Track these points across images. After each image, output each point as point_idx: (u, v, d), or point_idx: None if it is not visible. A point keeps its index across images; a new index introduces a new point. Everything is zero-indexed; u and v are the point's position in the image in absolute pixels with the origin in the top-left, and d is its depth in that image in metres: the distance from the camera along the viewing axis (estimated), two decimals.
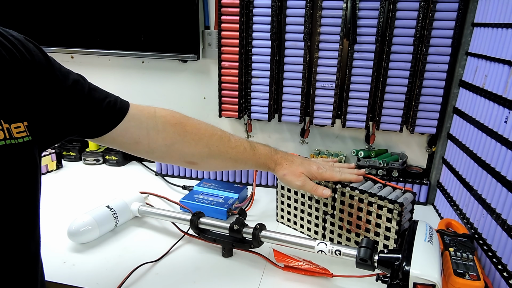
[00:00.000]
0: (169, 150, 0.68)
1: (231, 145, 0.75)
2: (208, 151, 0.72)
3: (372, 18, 0.97)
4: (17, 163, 0.46)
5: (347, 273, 0.71)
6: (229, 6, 1.03)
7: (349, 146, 1.13)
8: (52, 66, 0.51)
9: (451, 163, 0.96)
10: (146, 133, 0.65)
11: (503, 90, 0.72)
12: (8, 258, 0.46)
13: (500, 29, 0.75)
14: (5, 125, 0.44)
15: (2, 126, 0.44)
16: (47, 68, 0.50)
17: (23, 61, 0.47)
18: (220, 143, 0.73)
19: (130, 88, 1.27)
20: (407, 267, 0.55)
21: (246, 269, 0.76)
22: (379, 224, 0.75)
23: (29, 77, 0.47)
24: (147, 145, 0.66)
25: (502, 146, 0.70)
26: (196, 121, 0.73)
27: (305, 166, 0.78)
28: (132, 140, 0.64)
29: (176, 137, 0.68)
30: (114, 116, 0.61)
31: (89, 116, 0.57)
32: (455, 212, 0.89)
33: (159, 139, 0.66)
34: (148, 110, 0.67)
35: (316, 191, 0.76)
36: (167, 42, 1.13)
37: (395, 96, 1.01)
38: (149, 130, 0.65)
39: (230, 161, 0.75)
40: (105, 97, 0.60)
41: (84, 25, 1.18)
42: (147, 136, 0.65)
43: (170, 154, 0.69)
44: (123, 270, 0.72)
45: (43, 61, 0.49)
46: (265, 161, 0.78)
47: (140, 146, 0.65)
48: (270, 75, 1.07)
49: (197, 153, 0.71)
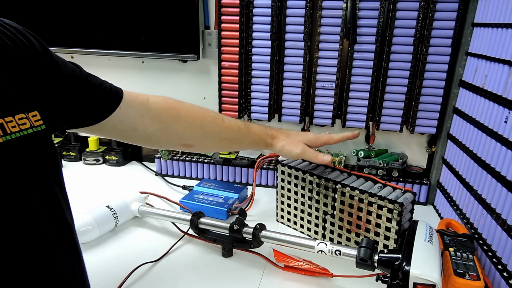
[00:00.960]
0: (165, 134, 0.69)
1: (225, 125, 0.76)
2: (202, 132, 0.73)
3: (372, 18, 0.97)
4: (42, 152, 0.47)
5: (347, 273, 0.71)
6: (229, 6, 1.03)
7: (349, 146, 1.13)
8: (51, 54, 0.51)
9: (451, 163, 0.96)
10: (141, 119, 0.65)
11: (503, 90, 0.72)
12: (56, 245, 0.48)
13: (500, 29, 0.75)
14: (27, 113, 0.45)
15: (26, 115, 0.44)
16: (47, 56, 0.50)
17: (25, 49, 0.47)
18: (214, 124, 0.74)
19: (130, 88, 1.26)
20: (407, 267, 0.55)
21: (246, 269, 0.76)
22: (379, 224, 0.75)
23: (33, 65, 0.47)
24: (144, 131, 0.66)
25: (502, 146, 0.70)
26: (189, 104, 0.74)
27: (301, 135, 0.82)
28: (129, 127, 0.64)
29: (170, 121, 0.69)
30: (111, 100, 0.61)
31: (89, 101, 0.57)
32: (455, 212, 0.89)
33: (154, 124, 0.67)
34: (142, 96, 0.68)
35: (317, 158, 0.79)
36: (167, 42, 1.13)
37: (395, 96, 1.01)
38: (144, 115, 0.66)
39: (226, 141, 0.76)
40: (101, 83, 0.61)
41: (84, 25, 1.18)
42: (142, 122, 0.66)
43: (166, 138, 0.70)
44: (123, 270, 0.72)
45: (42, 50, 0.50)
46: (261, 137, 0.79)
47: (137, 133, 0.66)
48: (270, 75, 1.07)
49: (192, 135, 0.72)
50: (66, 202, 0.51)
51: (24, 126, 0.43)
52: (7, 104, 0.42)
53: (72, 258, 0.51)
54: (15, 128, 0.42)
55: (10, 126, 0.42)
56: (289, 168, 0.88)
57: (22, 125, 0.43)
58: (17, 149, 0.42)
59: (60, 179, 0.50)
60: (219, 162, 1.14)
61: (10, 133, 0.41)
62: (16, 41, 0.46)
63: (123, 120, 0.63)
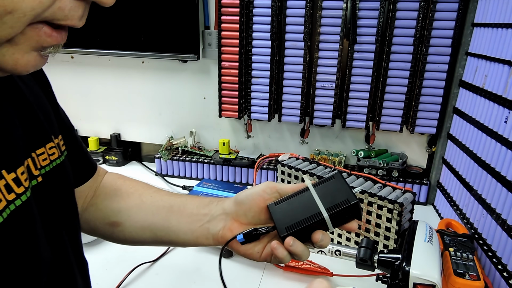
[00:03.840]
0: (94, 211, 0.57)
1: (166, 193, 0.59)
2: (139, 203, 0.57)
3: (372, 18, 0.97)
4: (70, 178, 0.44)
5: (347, 273, 0.71)
6: (229, 6, 1.03)
7: (349, 146, 1.13)
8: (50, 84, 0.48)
9: (451, 163, 0.96)
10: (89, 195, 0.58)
11: (503, 90, 0.72)
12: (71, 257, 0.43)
13: (500, 29, 0.75)
14: (55, 140, 0.41)
15: (54, 143, 0.40)
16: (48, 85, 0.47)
17: None
18: (154, 191, 0.58)
19: (130, 88, 1.27)
20: (407, 267, 0.55)
21: (246, 269, 0.76)
22: (379, 224, 0.75)
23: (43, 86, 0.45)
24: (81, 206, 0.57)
25: (502, 146, 0.70)
26: (134, 181, 0.61)
27: None
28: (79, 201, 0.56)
29: (103, 196, 0.58)
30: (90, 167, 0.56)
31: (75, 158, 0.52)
32: (455, 212, 0.89)
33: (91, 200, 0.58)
34: (102, 172, 0.60)
35: None
36: (167, 42, 1.13)
37: (395, 96, 1.01)
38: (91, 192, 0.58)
39: (164, 210, 0.55)
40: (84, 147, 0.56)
41: (84, 25, 1.18)
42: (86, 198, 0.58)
43: (94, 216, 0.57)
44: (123, 270, 0.72)
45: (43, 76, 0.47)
46: (210, 199, 0.56)
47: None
48: (270, 75, 1.07)
49: (125, 209, 0.57)
50: (80, 234, 0.47)
51: (53, 157, 0.40)
52: (40, 132, 0.38)
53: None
54: (46, 161, 0.38)
55: (41, 159, 0.38)
56: (289, 168, 0.88)
57: (52, 155, 0.39)
58: (50, 182, 0.38)
59: (76, 208, 0.45)
60: (219, 162, 1.14)
61: (41, 167, 0.37)
62: None
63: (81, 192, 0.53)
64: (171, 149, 1.20)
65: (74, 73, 1.28)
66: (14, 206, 0.31)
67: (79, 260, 0.45)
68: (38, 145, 0.38)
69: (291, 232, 0.46)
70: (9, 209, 0.30)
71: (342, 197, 0.47)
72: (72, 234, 0.43)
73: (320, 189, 0.48)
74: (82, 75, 1.28)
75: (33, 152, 0.37)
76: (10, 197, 0.31)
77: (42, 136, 0.39)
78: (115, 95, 1.29)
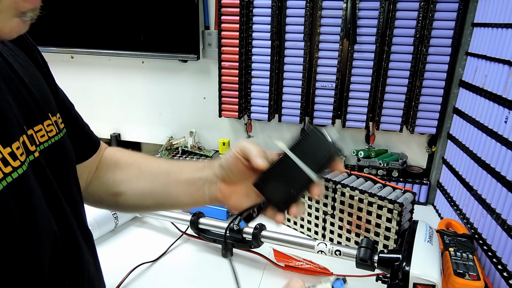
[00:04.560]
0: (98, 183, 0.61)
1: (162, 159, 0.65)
2: (138, 172, 0.60)
3: (372, 18, 0.97)
4: (69, 154, 0.46)
5: (347, 273, 0.71)
6: (229, 6, 1.03)
7: (349, 146, 1.13)
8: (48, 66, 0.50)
9: (451, 163, 0.95)
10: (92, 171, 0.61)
11: (503, 90, 0.72)
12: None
13: (500, 29, 0.75)
14: (53, 118, 0.43)
15: (51, 121, 0.42)
16: (46, 66, 0.49)
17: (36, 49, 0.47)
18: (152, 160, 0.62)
19: (130, 88, 1.27)
20: (407, 267, 0.55)
21: (246, 269, 0.76)
22: (379, 224, 0.75)
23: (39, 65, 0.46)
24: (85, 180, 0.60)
25: (502, 146, 0.70)
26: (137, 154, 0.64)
27: None
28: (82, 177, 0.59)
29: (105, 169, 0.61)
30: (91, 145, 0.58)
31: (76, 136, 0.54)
32: (455, 212, 0.89)
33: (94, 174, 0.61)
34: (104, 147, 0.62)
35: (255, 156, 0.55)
36: (167, 42, 1.13)
37: (395, 96, 1.01)
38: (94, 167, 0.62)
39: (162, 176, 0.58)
40: (87, 125, 0.58)
41: (84, 25, 1.18)
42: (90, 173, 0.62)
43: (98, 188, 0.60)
44: (123, 270, 0.72)
45: (41, 58, 0.49)
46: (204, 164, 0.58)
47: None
48: (270, 75, 1.07)
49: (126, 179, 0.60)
50: (83, 207, 0.50)
51: (52, 133, 0.42)
52: (37, 111, 0.40)
53: (96, 262, 0.50)
54: (44, 138, 0.40)
55: (39, 136, 0.40)
56: None
57: (50, 132, 0.41)
58: (49, 158, 0.40)
59: (78, 183, 0.48)
60: None
61: (39, 143, 0.39)
62: (28, 38, 0.46)
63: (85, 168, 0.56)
64: (171, 149, 1.21)
65: (74, 73, 1.28)
66: (11, 178, 0.33)
67: (84, 231, 0.46)
68: (34, 122, 0.40)
69: (289, 205, 0.47)
70: (5, 181, 0.33)
71: (323, 152, 0.46)
72: (75, 206, 0.44)
73: (299, 152, 0.46)
74: (82, 75, 1.28)
75: (29, 128, 0.39)
76: (6, 170, 0.33)
77: (39, 114, 0.41)
78: (115, 95, 1.29)
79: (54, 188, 0.40)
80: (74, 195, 0.45)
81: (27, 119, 0.38)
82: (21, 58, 0.42)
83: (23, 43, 0.45)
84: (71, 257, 0.41)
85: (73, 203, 0.44)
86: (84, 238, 0.46)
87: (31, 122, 0.39)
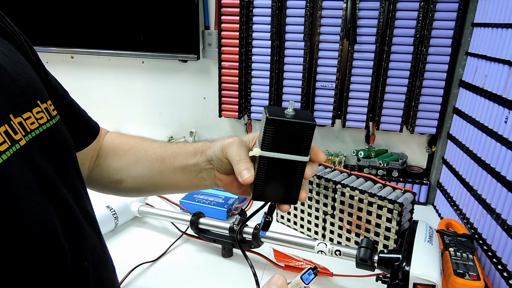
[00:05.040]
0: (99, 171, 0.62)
1: (156, 143, 0.63)
2: (135, 159, 0.61)
3: (372, 18, 0.97)
4: (65, 141, 0.45)
5: (347, 273, 0.71)
6: (229, 6, 1.03)
7: (349, 146, 1.13)
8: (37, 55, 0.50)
9: (451, 163, 0.96)
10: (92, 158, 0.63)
11: (503, 90, 0.72)
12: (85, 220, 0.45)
13: (500, 29, 0.75)
14: (43, 105, 0.42)
15: (41, 108, 0.42)
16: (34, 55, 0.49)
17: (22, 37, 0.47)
18: (146, 144, 0.63)
19: (130, 88, 1.27)
20: (407, 267, 0.55)
21: (246, 269, 0.76)
22: (379, 224, 0.75)
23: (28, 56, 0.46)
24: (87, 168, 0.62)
25: (502, 146, 0.70)
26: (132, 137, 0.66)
27: None
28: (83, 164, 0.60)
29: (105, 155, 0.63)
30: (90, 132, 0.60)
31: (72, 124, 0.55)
32: (455, 212, 0.89)
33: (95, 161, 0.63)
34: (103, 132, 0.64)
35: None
36: (167, 42, 1.13)
37: (395, 96, 1.01)
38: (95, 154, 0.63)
39: (158, 163, 0.59)
40: (84, 112, 0.60)
41: (84, 25, 1.18)
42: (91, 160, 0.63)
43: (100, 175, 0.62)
44: (123, 270, 0.72)
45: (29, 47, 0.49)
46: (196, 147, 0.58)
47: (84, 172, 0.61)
48: (270, 75, 1.07)
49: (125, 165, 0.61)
50: (86, 193, 0.50)
51: (42, 121, 0.41)
52: (23, 98, 0.40)
53: (103, 247, 0.50)
54: (34, 125, 0.40)
55: (29, 123, 0.39)
56: None
57: (40, 119, 0.41)
58: (40, 145, 0.40)
59: (78, 169, 0.48)
60: None
61: (30, 131, 0.39)
62: (12, 27, 0.46)
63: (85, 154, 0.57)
64: None
65: (74, 73, 1.28)
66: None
67: (87, 216, 0.46)
68: (21, 110, 0.39)
69: (295, 195, 0.47)
70: None
71: (300, 134, 0.43)
72: (74, 192, 0.44)
73: (278, 147, 0.44)
74: (82, 75, 1.29)
75: (17, 117, 0.38)
76: None
77: (25, 101, 0.40)
78: (115, 95, 1.29)
79: (48, 175, 0.39)
80: (73, 180, 0.45)
81: (11, 107, 0.38)
82: (4, 47, 0.42)
83: (7, 32, 0.44)
84: (74, 242, 0.41)
85: (72, 189, 0.44)
86: (87, 223, 0.46)
87: (17, 110, 0.38)
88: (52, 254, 0.38)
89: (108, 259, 0.52)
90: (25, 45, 0.46)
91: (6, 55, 0.41)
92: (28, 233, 0.35)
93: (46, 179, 0.39)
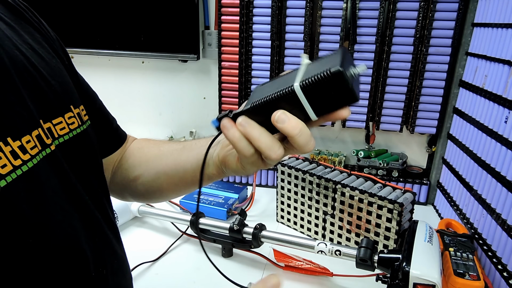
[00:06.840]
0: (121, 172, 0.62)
1: (174, 142, 0.62)
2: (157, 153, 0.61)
3: (372, 18, 0.97)
4: (93, 148, 0.45)
5: (347, 273, 0.71)
6: (229, 6, 1.03)
7: (349, 146, 1.13)
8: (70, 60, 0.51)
9: (451, 163, 0.96)
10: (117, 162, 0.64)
11: (503, 90, 0.72)
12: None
13: (500, 29, 0.75)
14: (75, 110, 0.43)
15: (73, 113, 0.42)
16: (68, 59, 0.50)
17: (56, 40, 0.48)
18: (165, 143, 0.63)
19: (130, 88, 1.27)
20: (407, 267, 0.55)
21: (246, 269, 0.76)
22: (379, 224, 0.75)
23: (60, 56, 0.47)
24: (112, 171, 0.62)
25: (502, 146, 0.70)
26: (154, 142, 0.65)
27: None
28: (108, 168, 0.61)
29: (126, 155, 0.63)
30: (118, 138, 0.62)
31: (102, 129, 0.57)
32: (455, 212, 0.89)
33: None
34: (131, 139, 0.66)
35: None
36: (167, 42, 1.13)
37: (395, 96, 1.01)
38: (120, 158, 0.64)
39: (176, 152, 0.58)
40: (113, 119, 0.63)
41: (84, 25, 1.18)
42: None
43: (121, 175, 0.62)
44: None
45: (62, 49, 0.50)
46: None
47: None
48: (270, 75, 1.07)
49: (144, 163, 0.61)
50: (108, 200, 0.49)
51: (73, 126, 0.41)
52: (57, 103, 0.40)
53: (122, 252, 0.51)
54: (64, 130, 0.40)
55: (59, 129, 0.39)
56: (289, 168, 0.88)
57: (71, 124, 0.41)
58: (68, 151, 0.40)
59: (102, 176, 0.48)
60: None
61: (58, 136, 0.39)
62: (50, 32, 0.46)
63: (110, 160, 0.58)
64: None
65: None
66: (21, 171, 0.33)
67: (109, 222, 0.47)
68: (53, 115, 0.39)
69: (252, 108, 0.36)
70: (15, 174, 0.33)
71: (325, 67, 0.33)
72: (96, 198, 0.44)
73: (312, 65, 0.36)
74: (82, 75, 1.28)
75: (47, 121, 0.38)
76: (16, 163, 0.33)
77: (59, 106, 0.40)
78: (115, 95, 1.29)
79: (72, 181, 0.40)
80: (94, 187, 0.45)
81: (44, 112, 0.38)
82: (43, 51, 0.42)
83: (46, 37, 0.46)
84: (95, 249, 0.41)
85: (95, 195, 0.44)
86: (109, 230, 0.46)
87: (49, 115, 0.39)
88: (75, 259, 0.38)
89: (127, 267, 0.52)
90: (61, 51, 0.47)
91: (43, 59, 0.41)
92: (53, 238, 0.36)
93: (70, 185, 0.39)
